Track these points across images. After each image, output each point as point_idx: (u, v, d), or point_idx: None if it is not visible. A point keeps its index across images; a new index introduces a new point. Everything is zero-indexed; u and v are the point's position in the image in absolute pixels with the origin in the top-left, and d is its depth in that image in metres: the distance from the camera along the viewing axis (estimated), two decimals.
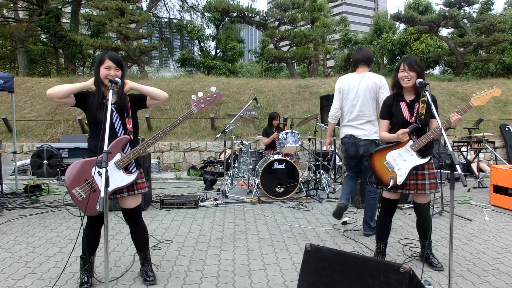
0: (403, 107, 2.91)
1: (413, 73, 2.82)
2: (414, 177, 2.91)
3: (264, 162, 5.72)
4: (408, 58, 2.89)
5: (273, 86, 12.04)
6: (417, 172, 2.90)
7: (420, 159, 2.80)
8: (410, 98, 2.93)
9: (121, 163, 2.53)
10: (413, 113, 2.87)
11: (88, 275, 2.70)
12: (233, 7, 17.12)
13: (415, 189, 2.92)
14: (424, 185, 2.89)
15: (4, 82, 5.80)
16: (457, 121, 2.67)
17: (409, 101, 2.92)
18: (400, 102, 2.94)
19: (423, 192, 2.90)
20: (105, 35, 18.81)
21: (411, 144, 2.82)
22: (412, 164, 2.81)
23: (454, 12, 15.84)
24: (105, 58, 2.55)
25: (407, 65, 2.84)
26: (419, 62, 2.86)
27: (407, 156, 2.83)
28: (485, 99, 2.71)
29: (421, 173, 2.90)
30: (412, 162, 2.81)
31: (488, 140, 7.50)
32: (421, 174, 2.90)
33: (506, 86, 12.64)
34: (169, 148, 9.31)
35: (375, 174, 2.96)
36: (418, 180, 2.91)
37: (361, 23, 61.41)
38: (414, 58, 2.90)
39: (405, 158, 2.84)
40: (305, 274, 1.99)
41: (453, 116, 2.66)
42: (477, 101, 2.73)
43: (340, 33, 26.11)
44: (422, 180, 2.90)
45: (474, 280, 2.85)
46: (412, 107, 2.89)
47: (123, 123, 2.63)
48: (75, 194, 2.49)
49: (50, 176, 7.76)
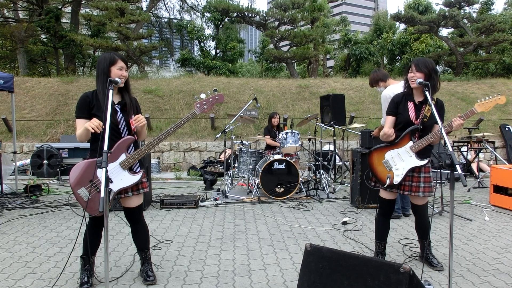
0: (411, 107, 2.90)
1: (420, 74, 2.79)
2: (410, 178, 2.92)
3: (264, 162, 5.72)
4: (417, 59, 2.87)
5: (273, 86, 12.04)
6: (413, 174, 2.91)
7: (418, 160, 2.80)
8: (419, 100, 2.91)
9: (126, 163, 2.54)
10: (419, 115, 2.86)
11: (88, 275, 2.70)
12: (233, 7, 17.11)
13: (409, 191, 2.93)
14: (418, 187, 2.90)
15: (4, 82, 5.80)
16: (458, 126, 2.66)
17: (417, 102, 2.91)
18: (409, 102, 2.93)
19: (416, 194, 2.91)
20: (105, 35, 18.80)
21: (410, 145, 2.82)
22: (410, 165, 2.81)
23: (454, 12, 15.83)
24: (117, 58, 2.57)
25: (414, 66, 2.83)
26: (428, 64, 2.81)
27: (406, 157, 2.84)
28: (489, 106, 2.70)
29: (416, 175, 2.91)
30: (410, 163, 2.81)
31: (488, 140, 7.50)
32: (417, 177, 2.91)
33: (506, 86, 12.65)
34: (169, 148, 9.31)
35: (373, 171, 2.97)
36: (413, 182, 2.92)
37: (361, 23, 61.40)
38: (424, 60, 2.86)
39: (403, 159, 2.84)
40: (305, 274, 1.99)
41: (455, 120, 2.66)
42: (481, 107, 2.71)
43: (340, 33, 26.09)
44: (417, 182, 2.91)
45: (474, 280, 2.85)
46: (419, 108, 2.88)
47: (127, 124, 2.63)
48: (80, 195, 2.49)
49: (50, 176, 7.76)
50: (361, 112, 10.82)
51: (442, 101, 2.95)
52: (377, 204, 3.12)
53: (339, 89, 11.70)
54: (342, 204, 5.36)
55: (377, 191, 3.12)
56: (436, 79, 2.82)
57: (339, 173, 7.72)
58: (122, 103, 2.65)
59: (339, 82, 12.78)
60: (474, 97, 11.84)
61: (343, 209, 5.08)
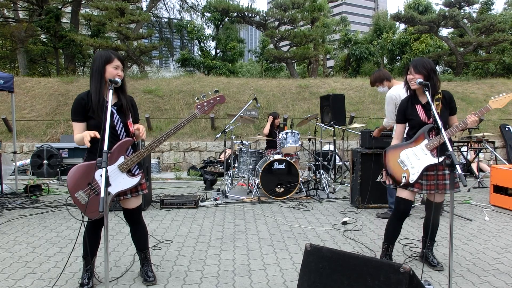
0: (419, 109, 2.89)
1: (419, 76, 2.78)
2: (434, 177, 2.87)
3: (264, 162, 5.72)
4: (415, 61, 2.86)
5: (273, 86, 12.04)
6: (437, 173, 2.87)
7: (434, 158, 2.76)
8: (425, 100, 2.89)
9: (124, 166, 2.50)
10: (430, 114, 2.83)
11: (89, 275, 2.69)
12: (233, 7, 17.12)
13: (436, 189, 2.88)
14: (444, 185, 2.87)
15: (4, 82, 5.80)
16: (473, 123, 2.64)
17: (424, 103, 2.89)
18: (416, 105, 2.92)
19: (443, 192, 2.88)
20: (105, 35, 18.80)
21: (425, 143, 2.80)
22: (426, 163, 2.77)
23: (454, 12, 15.84)
24: (114, 57, 2.49)
25: (413, 68, 2.82)
26: (426, 65, 2.80)
27: (421, 155, 2.80)
28: (503, 102, 2.67)
29: (441, 173, 2.87)
30: (426, 161, 2.78)
31: (488, 140, 7.50)
32: (442, 174, 2.87)
33: (506, 86, 12.65)
34: (169, 148, 9.31)
35: (388, 171, 2.94)
36: (439, 180, 2.88)
37: (361, 23, 61.40)
38: (422, 60, 2.84)
39: (419, 157, 2.81)
40: (305, 274, 1.99)
41: (470, 117, 2.64)
42: (495, 104, 2.69)
43: (340, 33, 26.10)
44: (442, 180, 2.87)
45: (474, 280, 2.85)
46: (428, 109, 2.86)
47: (124, 125, 2.59)
48: (78, 198, 2.44)
49: (50, 176, 7.76)
50: (361, 112, 10.82)
51: (449, 92, 2.92)
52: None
53: (339, 89, 11.70)
54: (342, 204, 5.36)
55: (377, 192, 3.11)
56: (435, 79, 2.81)
57: (339, 173, 7.72)
58: (118, 104, 2.59)
59: (339, 82, 12.78)
60: (474, 97, 11.85)
61: (343, 209, 5.08)
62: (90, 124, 2.52)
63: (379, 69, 4.64)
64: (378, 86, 4.54)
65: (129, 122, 2.61)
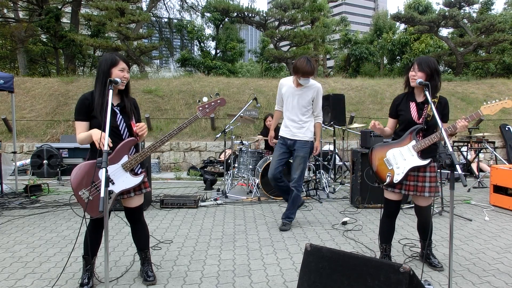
0: (413, 107, 2.88)
1: (421, 74, 2.76)
2: (415, 178, 2.87)
3: (264, 162, 5.72)
4: (420, 58, 2.83)
5: (273, 86, 12.03)
6: (418, 174, 2.86)
7: (420, 160, 2.75)
8: (420, 100, 2.89)
9: (128, 165, 2.53)
10: (422, 114, 2.83)
11: (89, 275, 2.69)
12: (233, 7, 17.12)
13: (414, 191, 2.87)
14: (424, 187, 2.84)
15: (4, 82, 5.79)
16: (462, 128, 2.63)
17: (419, 102, 2.88)
18: (410, 102, 2.91)
19: (422, 194, 2.85)
20: (105, 35, 18.80)
21: (413, 144, 2.79)
22: (412, 164, 2.77)
23: (454, 12, 15.83)
24: (119, 60, 2.52)
25: (417, 65, 2.80)
26: (431, 64, 2.77)
27: (408, 156, 2.80)
28: (495, 109, 2.67)
29: (422, 175, 2.85)
30: (412, 162, 2.77)
31: (488, 140, 7.50)
32: (422, 176, 2.85)
33: (506, 86, 12.64)
34: (169, 148, 9.31)
35: (373, 169, 2.93)
36: (419, 182, 2.86)
37: (361, 23, 61.41)
38: (428, 59, 2.81)
39: (405, 158, 2.80)
40: (305, 274, 1.99)
41: (459, 122, 2.63)
42: (487, 110, 2.68)
43: (340, 33, 26.11)
44: (422, 182, 2.85)
45: (474, 280, 2.85)
46: (422, 108, 2.85)
47: (127, 125, 2.62)
48: (82, 196, 2.47)
49: (50, 176, 7.76)
50: (361, 112, 10.82)
51: (445, 99, 2.90)
52: (381, 205, 3.08)
53: (339, 89, 11.69)
54: (342, 204, 5.36)
55: (377, 191, 3.11)
56: (437, 80, 2.78)
57: (339, 173, 7.72)
58: (121, 105, 2.63)
59: (339, 82, 12.78)
60: (474, 97, 11.84)
61: (343, 209, 5.08)
62: (93, 124, 2.54)
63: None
64: (308, 77, 3.98)
65: (133, 123, 2.64)
